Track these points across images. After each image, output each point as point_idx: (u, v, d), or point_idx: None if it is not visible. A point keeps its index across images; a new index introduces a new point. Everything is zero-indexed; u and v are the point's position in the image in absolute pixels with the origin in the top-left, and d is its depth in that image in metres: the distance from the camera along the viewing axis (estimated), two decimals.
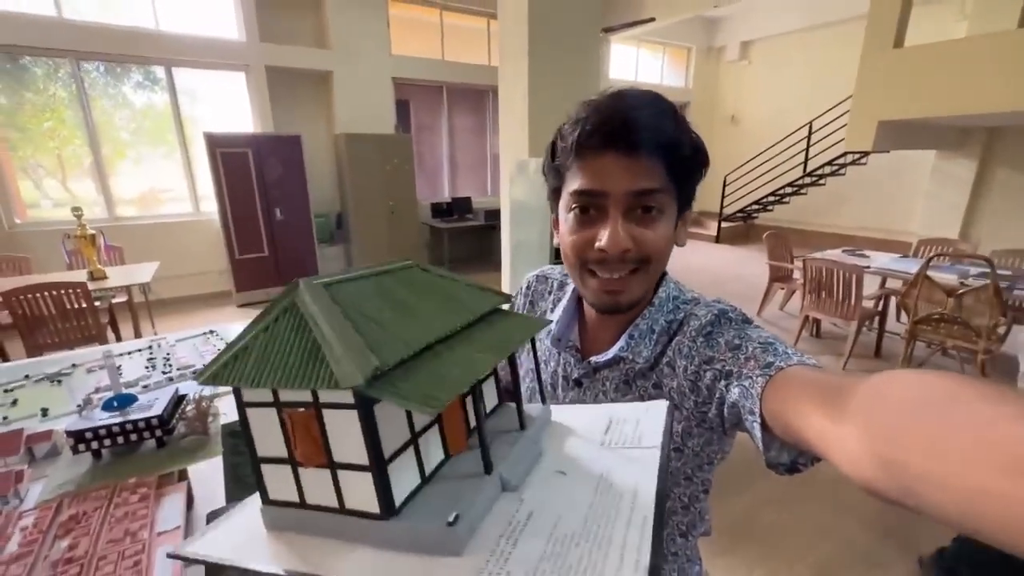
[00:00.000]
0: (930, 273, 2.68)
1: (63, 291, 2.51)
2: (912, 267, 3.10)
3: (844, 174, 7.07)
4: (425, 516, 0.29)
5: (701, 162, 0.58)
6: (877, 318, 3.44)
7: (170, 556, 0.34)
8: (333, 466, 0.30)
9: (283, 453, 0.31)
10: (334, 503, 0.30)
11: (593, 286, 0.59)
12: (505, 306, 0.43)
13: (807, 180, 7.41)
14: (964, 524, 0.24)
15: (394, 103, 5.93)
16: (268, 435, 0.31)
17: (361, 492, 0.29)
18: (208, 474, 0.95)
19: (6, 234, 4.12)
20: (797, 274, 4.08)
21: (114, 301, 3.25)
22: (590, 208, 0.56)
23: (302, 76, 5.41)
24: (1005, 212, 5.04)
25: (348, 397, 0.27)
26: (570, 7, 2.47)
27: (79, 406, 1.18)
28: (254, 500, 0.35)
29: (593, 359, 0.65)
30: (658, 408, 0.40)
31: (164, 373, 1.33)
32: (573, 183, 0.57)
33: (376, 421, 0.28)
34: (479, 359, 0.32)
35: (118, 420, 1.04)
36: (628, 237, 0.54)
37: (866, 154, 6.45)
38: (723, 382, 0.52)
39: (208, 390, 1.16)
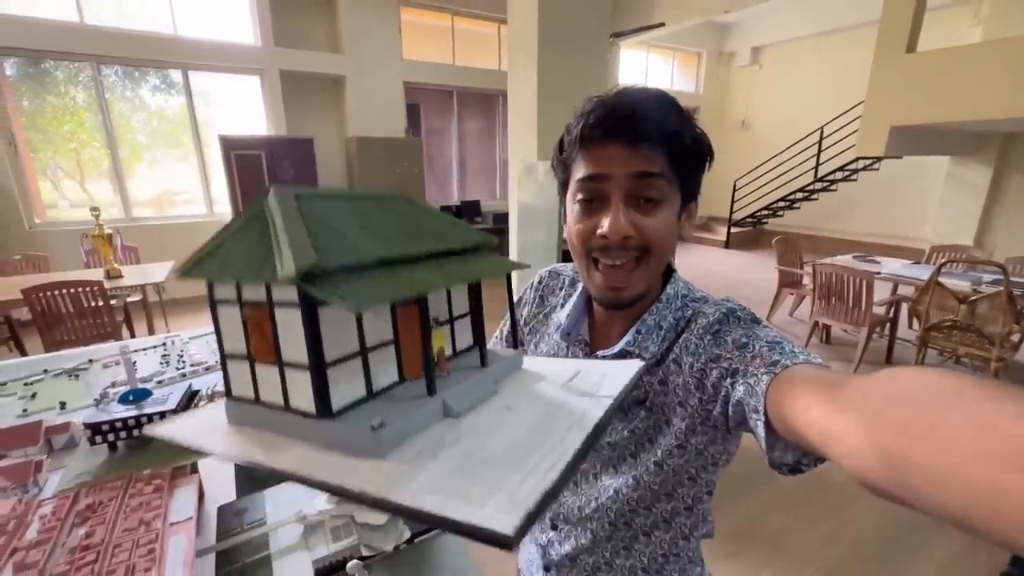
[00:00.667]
0: (942, 279, 2.65)
1: (80, 289, 2.57)
2: (924, 273, 3.06)
3: (856, 179, 7.00)
4: (357, 421, 0.30)
5: (703, 154, 0.59)
6: (888, 324, 3.40)
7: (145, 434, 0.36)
8: (281, 364, 0.31)
9: (243, 350, 0.33)
10: (281, 401, 0.32)
11: (597, 280, 0.60)
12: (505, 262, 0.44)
13: (818, 185, 7.35)
14: (965, 520, 0.23)
15: (405, 107, 5.98)
16: (232, 332, 0.33)
17: (303, 392, 0.30)
18: (219, 469, 0.97)
19: (26, 233, 4.22)
20: (807, 280, 4.04)
21: (129, 300, 3.31)
22: (594, 198, 0.58)
23: (315, 80, 5.48)
24: (1021, 218, 4.96)
25: (294, 295, 0.28)
26: (579, 12, 2.49)
27: (96, 400, 1.21)
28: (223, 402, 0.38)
29: (600, 353, 0.66)
30: (629, 366, 0.42)
31: (178, 369, 1.36)
32: (578, 172, 0.59)
33: (320, 323, 0.29)
34: (427, 279, 0.33)
35: (133, 413, 1.06)
36: (629, 224, 0.55)
37: (878, 159, 6.38)
38: (729, 380, 0.52)
39: (220, 387, 1.18)
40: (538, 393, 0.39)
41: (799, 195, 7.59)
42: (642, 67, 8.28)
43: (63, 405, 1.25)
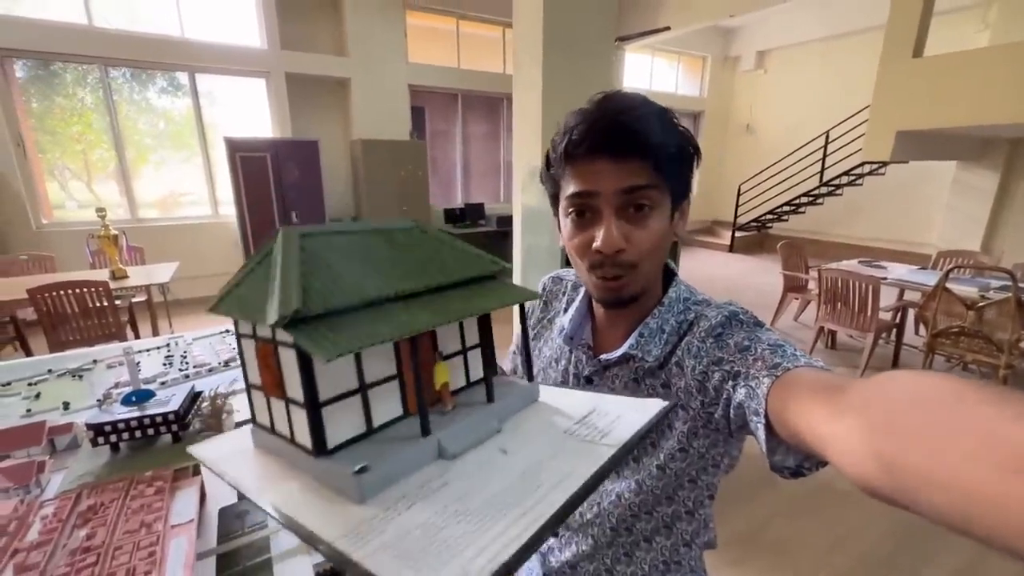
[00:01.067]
0: (950, 285, 2.62)
1: (86, 289, 2.58)
2: (931, 279, 3.03)
3: (861, 184, 6.97)
4: (349, 460, 0.30)
5: (690, 155, 0.59)
6: (894, 330, 3.37)
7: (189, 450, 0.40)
8: (287, 400, 0.32)
9: (259, 381, 0.34)
10: (288, 433, 0.33)
11: (596, 282, 0.61)
12: (510, 280, 0.45)
13: (823, 190, 7.32)
14: (964, 525, 0.23)
15: (410, 110, 6.00)
16: (252, 364, 0.35)
17: (304, 428, 0.31)
18: None
19: (33, 234, 4.25)
20: (812, 284, 4.02)
21: (134, 300, 3.32)
22: (585, 211, 0.59)
23: (321, 83, 5.51)
24: None
25: (289, 336, 0.29)
26: (585, 16, 2.49)
27: (99, 400, 1.21)
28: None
29: (603, 357, 0.66)
30: (651, 406, 0.40)
31: (181, 370, 1.36)
32: (568, 188, 0.59)
33: (314, 363, 0.29)
34: (417, 318, 0.32)
35: (136, 415, 1.06)
36: (622, 237, 0.56)
37: (884, 164, 6.35)
38: (730, 383, 0.52)
39: (223, 388, 1.18)
40: (540, 435, 0.38)
41: (804, 200, 7.55)
42: (647, 71, 8.28)
43: (66, 405, 1.25)
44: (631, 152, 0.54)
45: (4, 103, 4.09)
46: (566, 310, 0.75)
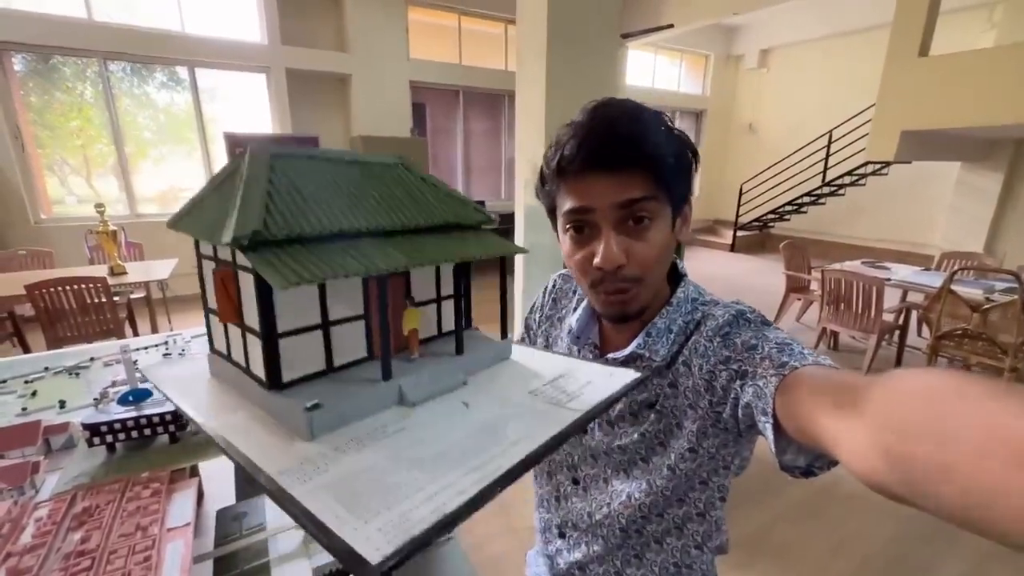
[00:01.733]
0: (954, 287, 2.61)
1: (84, 285, 2.56)
2: (935, 280, 3.02)
3: (864, 184, 6.95)
4: (303, 396, 0.29)
5: (688, 161, 0.58)
6: (897, 332, 3.35)
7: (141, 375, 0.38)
8: (244, 328, 0.31)
9: (215, 307, 0.33)
10: (244, 363, 0.32)
11: (601, 298, 0.60)
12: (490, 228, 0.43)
13: (826, 190, 7.29)
14: (970, 520, 0.23)
15: (411, 106, 5.97)
16: (210, 288, 0.33)
17: (259, 359, 0.30)
18: (219, 471, 0.95)
19: (32, 229, 4.23)
20: (815, 285, 4.00)
21: (133, 296, 3.31)
22: (584, 227, 0.57)
23: (321, 78, 5.48)
24: None
25: (248, 261, 0.27)
26: (588, 11, 2.47)
27: (96, 399, 1.20)
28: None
29: (611, 356, 0.65)
30: (622, 375, 0.40)
31: None
32: (564, 204, 0.58)
33: (273, 292, 0.28)
34: (388, 256, 0.31)
35: (132, 414, 1.05)
36: (622, 252, 0.55)
37: (887, 164, 6.33)
38: (738, 382, 0.52)
39: None
40: (506, 392, 0.37)
41: (806, 199, 7.53)
42: (649, 69, 8.24)
43: (63, 404, 1.24)
44: (626, 164, 0.53)
45: (3, 97, 4.07)
46: (574, 309, 0.75)
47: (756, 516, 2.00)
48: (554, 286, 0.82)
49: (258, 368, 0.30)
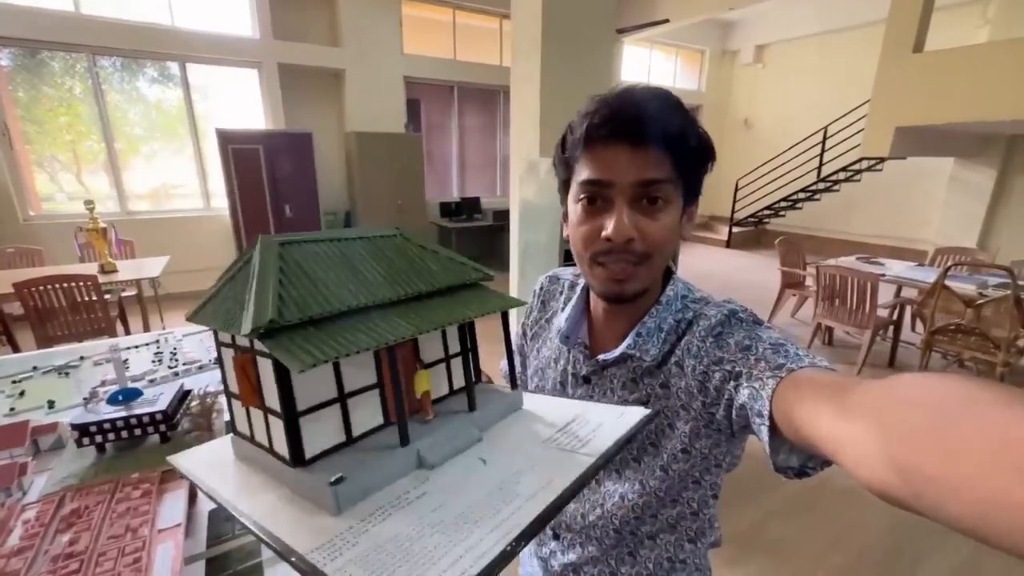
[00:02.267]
0: (948, 283, 2.62)
1: (74, 284, 2.53)
2: (929, 276, 3.03)
3: (859, 180, 6.98)
4: (323, 473, 0.30)
5: (707, 156, 0.58)
6: (891, 327, 3.37)
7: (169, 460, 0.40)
8: (265, 409, 0.32)
9: (238, 391, 0.34)
10: (267, 443, 0.33)
11: (600, 275, 0.59)
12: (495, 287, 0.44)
13: (821, 186, 7.32)
14: (979, 531, 0.23)
15: (405, 102, 5.94)
16: (230, 374, 0.35)
17: (281, 438, 0.31)
18: None
19: (21, 226, 4.17)
20: (810, 281, 4.02)
21: (124, 295, 3.27)
22: (597, 198, 0.57)
23: (314, 74, 5.43)
24: None
25: (265, 348, 0.29)
26: (583, 6, 2.45)
27: (85, 399, 1.18)
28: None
29: (601, 356, 0.65)
30: (632, 415, 0.40)
31: (170, 368, 1.33)
32: (582, 173, 0.58)
33: (290, 374, 0.29)
34: (396, 327, 0.33)
35: (122, 414, 1.03)
36: (633, 227, 0.55)
37: (882, 160, 6.35)
38: (732, 383, 0.52)
39: (213, 386, 1.15)
40: (521, 445, 0.38)
41: (802, 195, 7.56)
42: (645, 64, 8.23)
43: (51, 404, 1.22)
44: (652, 142, 0.53)
45: None
46: (563, 309, 0.74)
47: (750, 512, 2.01)
48: (542, 288, 0.82)
49: (281, 447, 0.32)
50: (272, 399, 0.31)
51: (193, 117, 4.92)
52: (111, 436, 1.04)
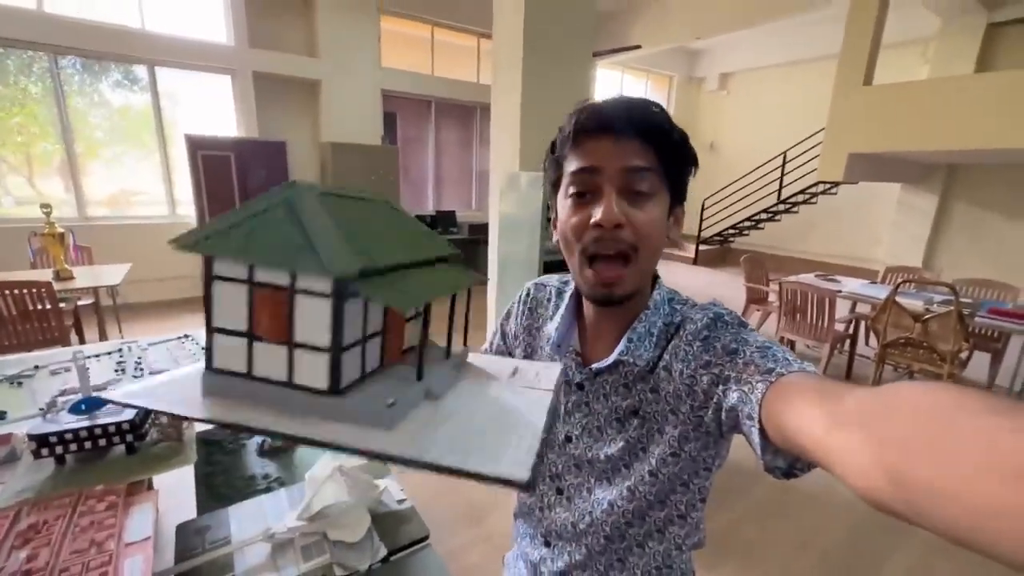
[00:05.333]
0: (898, 299, 2.79)
1: (25, 290, 2.39)
2: (881, 293, 3.22)
3: (816, 203, 7.36)
4: (364, 399, 0.34)
5: (689, 155, 0.61)
6: (848, 341, 3.55)
7: (104, 399, 0.38)
8: (291, 344, 0.34)
9: (242, 327, 0.34)
10: (283, 377, 0.34)
11: (589, 277, 0.60)
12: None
13: (781, 207, 7.68)
14: (971, 540, 0.23)
15: (382, 115, 5.93)
16: (230, 309, 0.35)
17: (312, 370, 0.33)
18: (178, 484, 0.91)
19: None
20: (772, 296, 4.20)
21: (80, 303, 3.10)
22: (586, 191, 0.59)
23: (290, 83, 5.38)
24: (962, 243, 5.32)
25: (326, 287, 0.31)
26: (563, 28, 2.53)
27: (42, 409, 1.12)
28: (189, 370, 0.39)
29: (595, 365, 0.66)
30: (554, 367, 0.48)
31: (135, 377, 1.28)
32: (571, 166, 0.60)
33: (344, 313, 0.32)
34: (439, 282, 0.39)
35: (85, 424, 0.99)
36: (621, 213, 0.56)
37: (836, 184, 6.74)
38: (721, 387, 0.53)
39: None
40: (491, 383, 0.44)
41: (763, 215, 7.90)
42: (617, 86, 8.51)
43: (2, 415, 1.16)
44: (636, 133, 0.56)
45: None
46: (552, 317, 0.74)
47: (722, 516, 2.07)
48: (528, 295, 0.81)
49: (308, 379, 0.34)
50: (306, 334, 0.33)
51: (161, 122, 4.77)
52: (73, 447, 0.99)
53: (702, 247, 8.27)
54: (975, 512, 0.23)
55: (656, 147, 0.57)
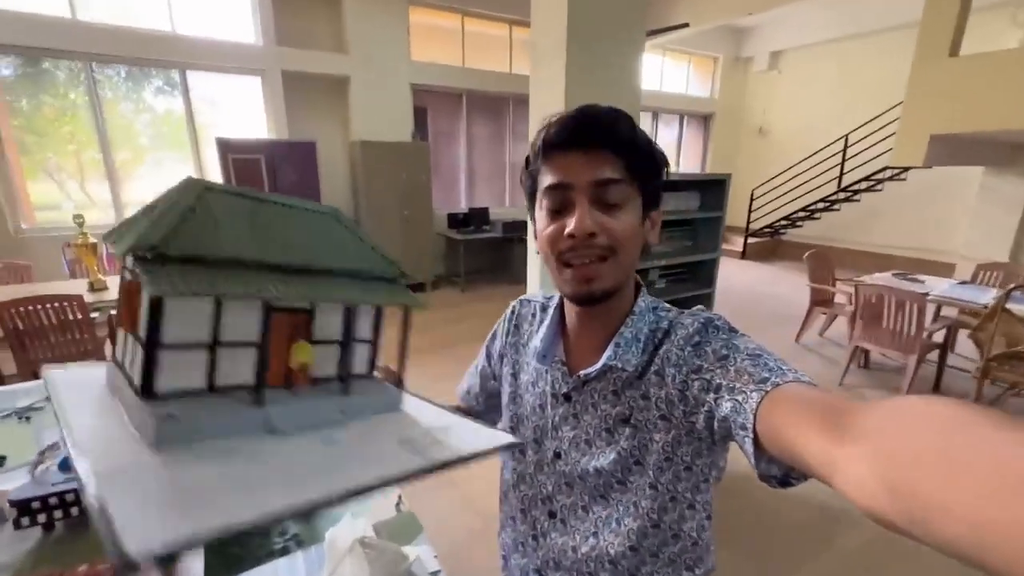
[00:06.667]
0: (1009, 305, 2.39)
1: (58, 304, 2.35)
2: (979, 295, 2.81)
3: (881, 190, 6.76)
4: (150, 406, 0.30)
5: (658, 160, 0.63)
6: (937, 351, 3.11)
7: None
8: (136, 337, 0.32)
9: (121, 315, 0.36)
10: (128, 367, 0.34)
11: (569, 276, 0.61)
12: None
13: (841, 196, 7.11)
14: (977, 557, 0.23)
15: (412, 110, 5.79)
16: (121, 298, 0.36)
17: (134, 363, 0.32)
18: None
19: (11, 240, 4.02)
20: (840, 298, 3.80)
21: (113, 313, 3.10)
22: (560, 203, 0.60)
23: (319, 81, 5.30)
24: None
25: (131, 263, 0.32)
26: (612, 8, 2.27)
27: (33, 463, 0.99)
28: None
29: (583, 372, 0.66)
30: (500, 438, 0.41)
31: None
32: (544, 181, 0.62)
33: (164, 304, 0.30)
34: (277, 288, 0.33)
35: (72, 487, 0.86)
36: (594, 223, 0.58)
37: (906, 169, 6.14)
38: (712, 395, 0.53)
39: None
40: (372, 437, 0.38)
41: (820, 205, 7.34)
42: (657, 71, 8.06)
43: (2, 461, 1.06)
44: (603, 146, 0.58)
45: None
46: (537, 331, 0.75)
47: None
48: (513, 312, 0.82)
49: (135, 373, 0.32)
50: (142, 324, 0.31)
51: (193, 126, 4.78)
52: (58, 514, 0.86)
53: (750, 240, 7.78)
54: (978, 527, 0.23)
55: (624, 157, 0.59)
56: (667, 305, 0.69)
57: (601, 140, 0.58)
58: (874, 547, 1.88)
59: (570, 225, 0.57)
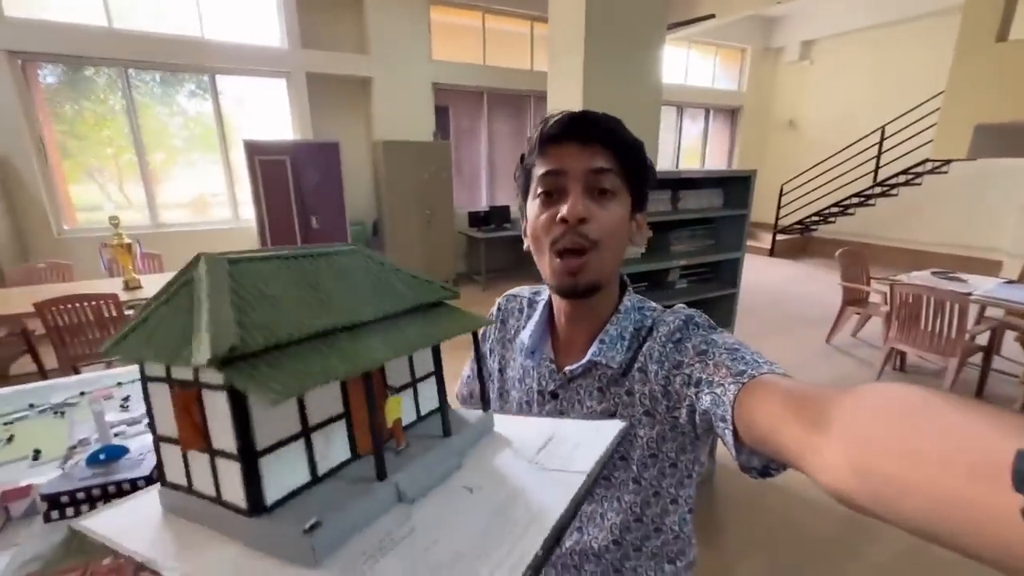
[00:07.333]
0: None
1: (95, 302, 2.46)
2: None
3: (920, 184, 6.44)
4: (292, 519, 0.27)
5: (648, 166, 0.65)
6: (981, 354, 2.95)
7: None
8: (212, 452, 0.29)
9: (174, 433, 0.30)
10: (213, 492, 0.30)
11: (557, 267, 0.63)
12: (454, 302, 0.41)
13: (877, 190, 6.80)
14: (935, 534, 0.24)
15: (433, 109, 5.82)
16: (164, 413, 0.31)
17: (231, 483, 0.28)
18: None
19: (54, 240, 4.23)
20: (875, 297, 3.64)
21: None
22: (553, 192, 0.63)
23: (342, 82, 5.38)
24: None
25: (219, 378, 0.26)
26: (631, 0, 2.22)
27: (64, 457, 1.04)
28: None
29: (568, 368, 0.67)
30: (608, 428, 0.39)
31: None
32: (539, 170, 0.64)
33: (249, 407, 0.27)
34: (373, 351, 0.30)
35: (99, 481, 0.89)
36: (585, 208, 0.60)
37: (948, 162, 5.83)
38: (693, 389, 0.55)
39: None
40: (505, 467, 0.36)
41: (854, 200, 7.04)
42: (682, 64, 7.88)
43: (37, 455, 1.11)
44: (597, 139, 0.61)
45: (25, 107, 4.06)
46: (524, 327, 0.76)
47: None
48: (500, 308, 0.83)
49: (234, 495, 0.28)
50: (222, 439, 0.27)
51: (222, 128, 4.92)
52: (85, 508, 0.89)
53: (779, 236, 7.54)
54: (939, 503, 0.24)
55: (616, 150, 0.62)
56: (652, 304, 0.70)
57: (597, 135, 0.61)
58: (902, 561, 1.79)
59: (563, 210, 0.60)
